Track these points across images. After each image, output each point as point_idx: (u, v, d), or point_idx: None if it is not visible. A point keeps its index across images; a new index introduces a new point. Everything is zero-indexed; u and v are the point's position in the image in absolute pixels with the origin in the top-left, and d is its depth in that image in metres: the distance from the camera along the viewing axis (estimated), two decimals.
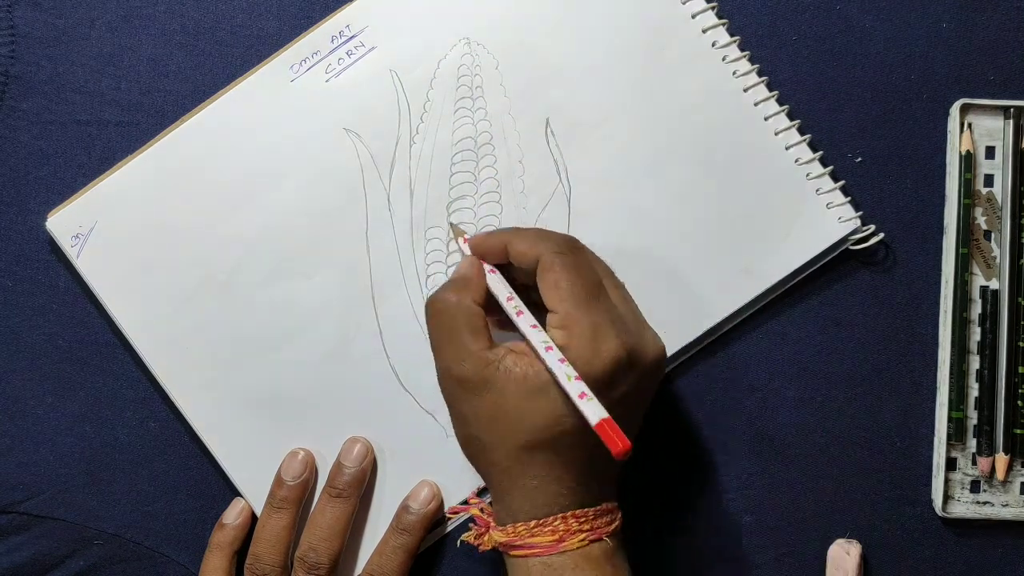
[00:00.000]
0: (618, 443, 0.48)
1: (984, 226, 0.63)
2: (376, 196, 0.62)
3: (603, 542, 0.52)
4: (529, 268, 0.53)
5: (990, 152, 0.63)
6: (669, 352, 0.62)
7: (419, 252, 0.62)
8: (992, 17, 0.63)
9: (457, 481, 0.62)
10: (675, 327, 0.62)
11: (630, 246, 0.62)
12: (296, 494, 0.61)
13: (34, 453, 0.63)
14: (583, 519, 0.52)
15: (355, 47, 0.62)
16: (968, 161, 0.62)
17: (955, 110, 0.62)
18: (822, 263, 0.63)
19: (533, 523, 0.52)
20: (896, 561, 0.63)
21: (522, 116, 0.62)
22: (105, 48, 0.63)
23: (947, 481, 0.62)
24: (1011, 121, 0.62)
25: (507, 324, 0.54)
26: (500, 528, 0.53)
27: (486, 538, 0.54)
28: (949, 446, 0.62)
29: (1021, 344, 0.62)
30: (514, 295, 0.54)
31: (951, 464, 0.62)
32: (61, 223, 0.62)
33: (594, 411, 0.49)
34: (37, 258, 0.63)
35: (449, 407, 0.54)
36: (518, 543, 0.52)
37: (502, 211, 0.62)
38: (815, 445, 0.63)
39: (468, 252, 0.56)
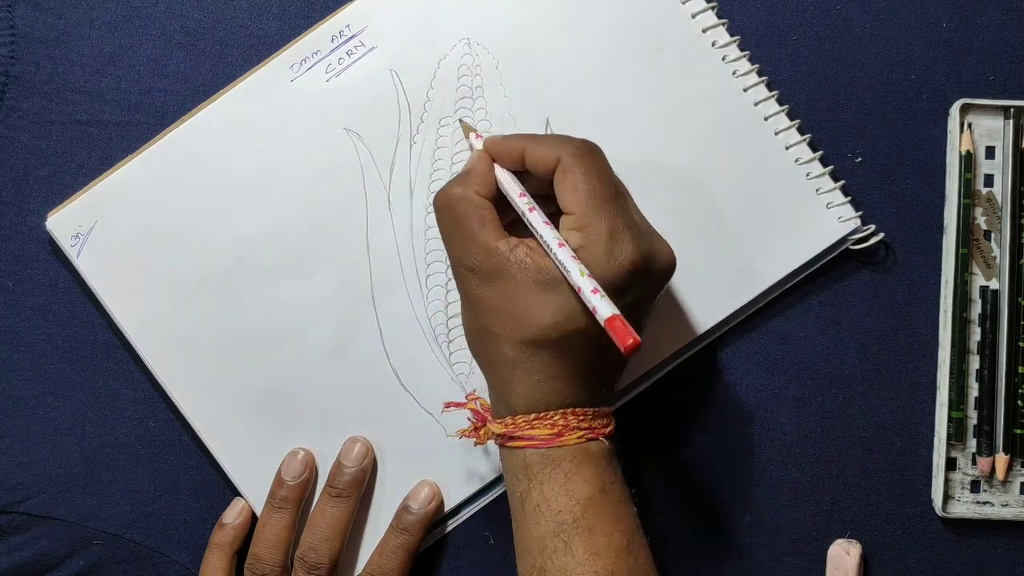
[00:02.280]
0: (628, 338, 0.48)
1: (984, 226, 0.63)
2: (376, 196, 0.62)
3: (600, 442, 0.52)
4: (546, 174, 0.53)
5: (990, 152, 0.63)
6: (669, 351, 0.62)
7: (419, 252, 0.62)
8: (992, 17, 0.63)
9: (457, 481, 0.62)
10: (675, 326, 0.62)
11: None
12: (296, 494, 0.61)
13: (34, 453, 0.63)
14: (582, 417, 0.52)
15: (355, 47, 0.62)
16: (968, 161, 0.62)
17: (955, 110, 0.62)
18: (822, 263, 0.63)
19: (533, 416, 0.52)
20: (896, 561, 0.63)
21: (522, 116, 0.62)
22: (105, 48, 0.63)
23: (947, 481, 0.62)
24: (1011, 121, 0.62)
25: (515, 226, 0.54)
26: (498, 420, 0.53)
27: (483, 432, 0.54)
28: (949, 446, 0.62)
29: (1021, 344, 0.62)
30: (525, 192, 0.54)
31: (951, 464, 0.62)
32: (61, 223, 0.62)
33: (606, 307, 0.48)
34: (37, 258, 0.63)
35: (461, 296, 0.54)
36: (516, 434, 0.52)
37: None
38: (815, 445, 0.63)
39: (479, 148, 0.56)
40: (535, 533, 0.52)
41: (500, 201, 0.54)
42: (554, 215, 0.52)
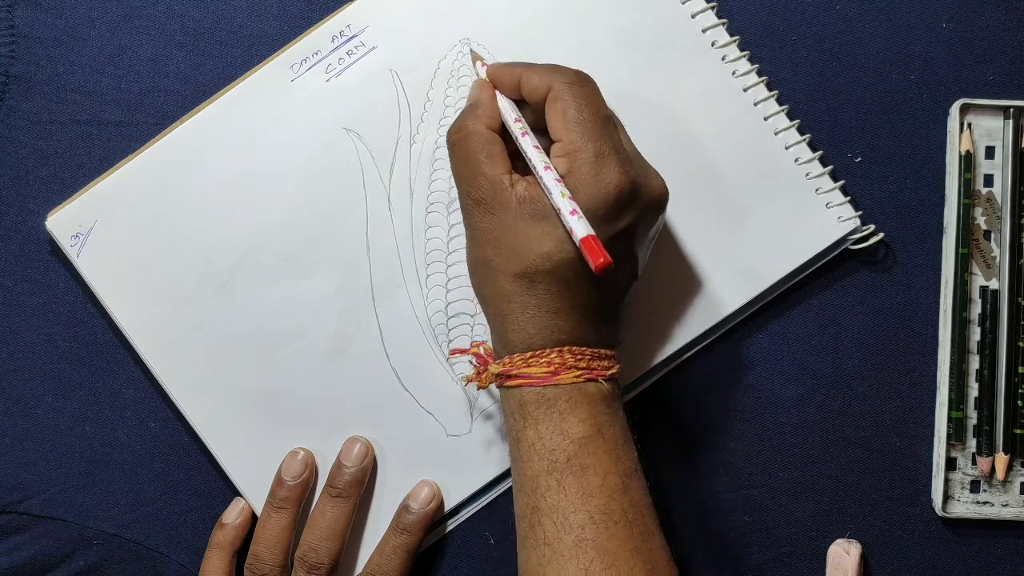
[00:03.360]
0: (599, 257, 0.48)
1: (984, 226, 0.63)
2: (376, 196, 0.62)
3: (598, 383, 0.53)
4: (540, 102, 0.54)
5: (990, 152, 0.63)
6: (669, 351, 0.62)
7: (419, 252, 0.62)
8: (992, 17, 0.63)
9: (457, 481, 0.62)
10: (675, 327, 0.62)
11: None
12: (296, 494, 0.61)
13: (34, 453, 0.63)
14: (579, 356, 0.52)
15: (355, 47, 0.62)
16: (968, 161, 0.62)
17: (955, 110, 0.63)
18: (822, 263, 0.63)
19: (528, 353, 0.52)
20: (896, 561, 0.63)
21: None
22: (105, 48, 0.63)
23: (947, 481, 0.62)
24: (1011, 121, 0.62)
25: (522, 164, 0.55)
26: (498, 361, 0.54)
27: (484, 375, 0.55)
28: (949, 446, 0.62)
29: (1021, 344, 0.62)
30: (521, 118, 0.55)
31: (951, 464, 0.62)
32: (61, 223, 0.62)
33: (581, 227, 0.49)
34: (37, 258, 0.63)
35: (467, 231, 0.55)
36: (513, 372, 0.52)
37: None
38: (815, 445, 0.63)
39: (483, 76, 0.57)
40: (529, 471, 0.52)
41: (506, 131, 0.55)
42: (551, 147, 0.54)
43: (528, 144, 0.53)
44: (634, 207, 0.52)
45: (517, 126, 0.54)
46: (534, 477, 0.52)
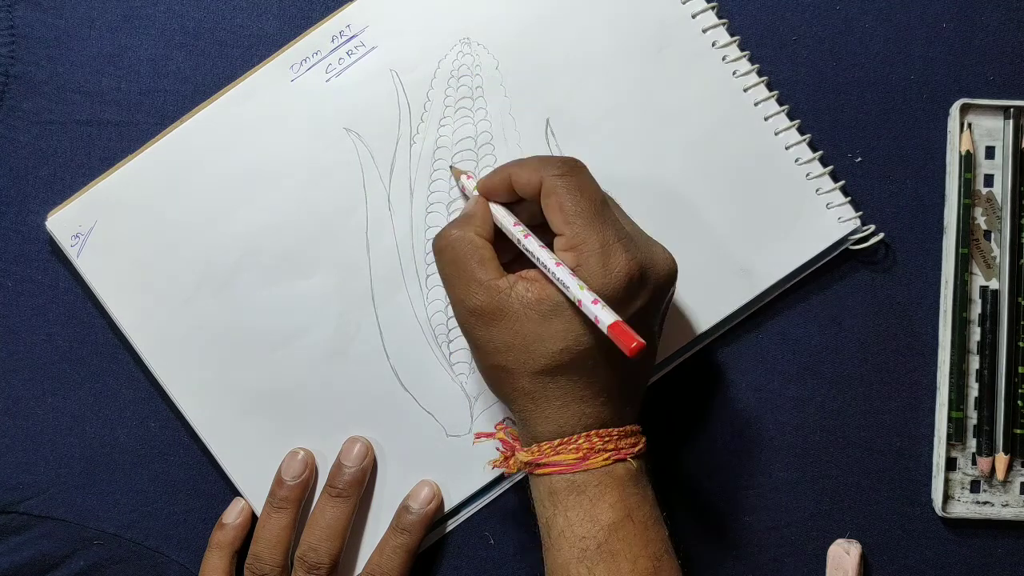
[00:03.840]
0: (632, 340, 0.48)
1: (984, 226, 0.63)
2: (376, 196, 0.62)
3: (627, 463, 0.52)
4: (534, 197, 0.53)
5: (990, 152, 0.63)
6: (670, 351, 0.62)
7: (419, 252, 0.62)
8: (992, 17, 0.63)
9: (457, 481, 0.62)
10: (675, 327, 0.62)
11: None
12: (296, 494, 0.61)
13: (34, 453, 0.63)
14: (607, 438, 0.52)
15: (355, 47, 0.62)
16: (968, 161, 0.62)
17: (955, 110, 0.63)
18: (822, 263, 0.63)
19: (557, 441, 0.52)
20: (896, 561, 0.63)
21: (522, 116, 0.62)
22: (105, 48, 0.63)
23: (947, 481, 0.62)
24: (1011, 121, 0.62)
25: (514, 264, 0.54)
26: (525, 449, 0.53)
27: (512, 461, 0.54)
28: (949, 446, 0.62)
29: (1021, 344, 0.62)
30: (519, 221, 0.54)
31: (951, 464, 0.62)
32: (61, 223, 0.62)
33: (607, 315, 0.49)
34: (37, 258, 0.63)
35: (467, 339, 0.54)
36: (542, 461, 0.52)
37: None
38: (815, 445, 0.63)
39: (472, 192, 0.57)
40: (559, 559, 0.52)
41: (498, 242, 0.55)
42: (551, 242, 0.53)
43: (533, 244, 0.52)
44: (645, 289, 0.52)
45: (517, 229, 0.54)
46: (564, 565, 0.52)
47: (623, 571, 0.51)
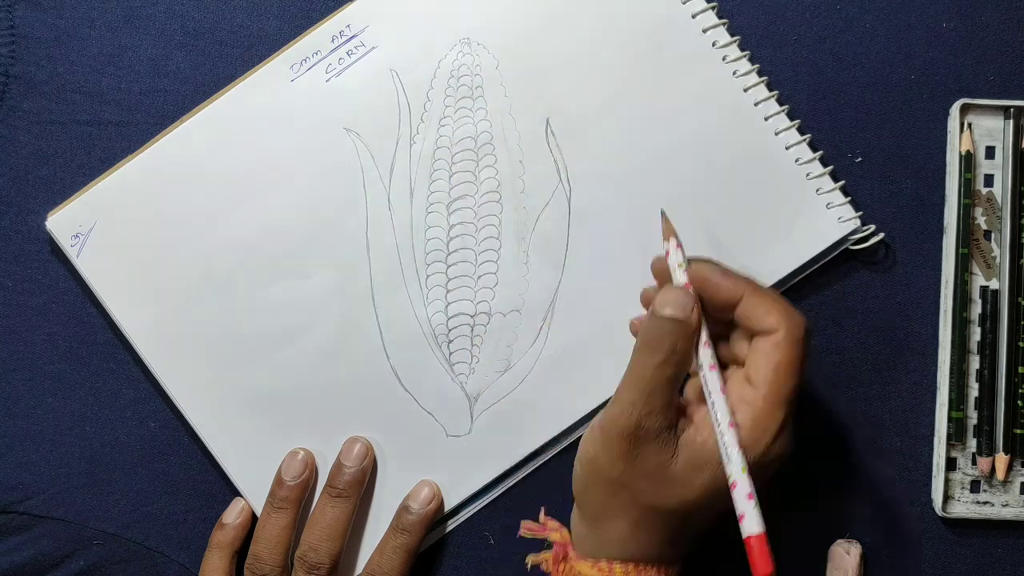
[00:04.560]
0: (767, 566, 0.47)
1: (984, 226, 0.63)
2: (376, 196, 0.62)
3: None
4: (750, 330, 0.51)
5: (990, 152, 0.63)
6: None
7: (419, 252, 0.62)
8: (992, 17, 0.63)
9: (457, 481, 0.62)
10: None
11: (630, 246, 0.62)
12: (296, 494, 0.61)
13: (34, 453, 0.63)
14: (670, 573, 0.52)
15: (355, 47, 0.62)
16: (968, 161, 0.62)
17: (955, 110, 0.62)
18: (822, 263, 0.63)
19: (631, 565, 0.51)
20: (896, 561, 0.63)
21: (522, 116, 0.62)
22: (105, 48, 0.63)
23: (947, 481, 0.62)
24: (1011, 121, 0.62)
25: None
26: (591, 562, 0.52)
27: (565, 567, 0.53)
28: (949, 446, 0.62)
29: (1021, 344, 0.62)
30: (710, 341, 0.51)
31: (951, 464, 0.62)
32: (61, 223, 0.62)
33: (755, 522, 0.47)
34: (37, 258, 0.63)
35: (598, 446, 0.52)
36: None
37: (502, 211, 0.62)
38: (815, 445, 0.63)
39: (679, 260, 0.53)
40: None
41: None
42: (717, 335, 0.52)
43: (715, 385, 0.49)
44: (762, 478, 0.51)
45: (705, 352, 0.50)
46: None
47: None
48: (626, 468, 0.51)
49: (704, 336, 0.51)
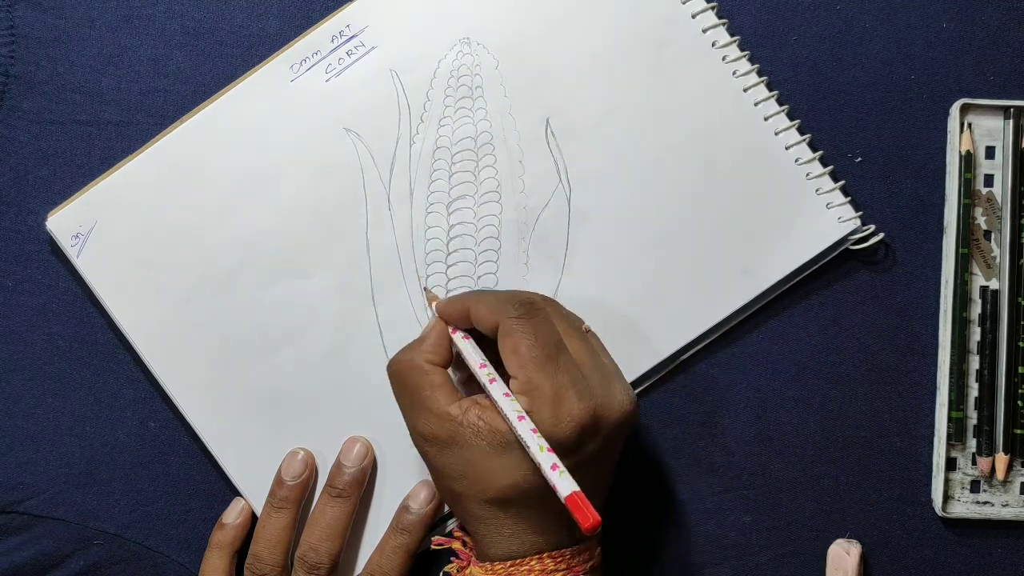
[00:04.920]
0: (588, 517, 0.48)
1: (984, 226, 0.63)
2: (376, 196, 0.62)
3: None
4: (491, 333, 0.54)
5: (990, 152, 0.63)
6: (669, 352, 0.62)
7: (419, 252, 0.62)
8: (992, 17, 0.63)
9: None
10: (675, 327, 0.62)
11: (630, 246, 0.62)
12: (296, 494, 0.61)
13: (34, 453, 0.63)
14: (559, 559, 0.52)
15: (355, 47, 0.62)
16: (968, 161, 0.62)
17: (955, 110, 0.62)
18: (822, 263, 0.63)
19: (509, 563, 0.52)
20: (896, 561, 0.63)
21: (522, 116, 0.62)
22: (105, 48, 0.63)
23: (947, 481, 0.62)
24: (1011, 121, 0.62)
25: (473, 384, 0.55)
26: (480, 565, 0.54)
27: (467, 572, 0.55)
28: (949, 446, 0.62)
29: (1021, 344, 0.62)
30: (487, 362, 0.54)
31: (951, 464, 0.62)
32: (61, 223, 0.62)
33: (565, 485, 0.49)
34: (37, 258, 0.63)
35: (423, 461, 0.55)
36: None
37: (502, 211, 0.62)
38: (815, 445, 0.63)
39: (434, 315, 0.57)
40: None
41: (458, 361, 0.55)
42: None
43: (497, 392, 0.52)
44: (598, 435, 0.52)
45: (483, 371, 0.53)
46: None
47: None
48: (445, 470, 0.53)
49: (480, 359, 0.54)
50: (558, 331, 0.53)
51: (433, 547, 0.60)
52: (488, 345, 0.54)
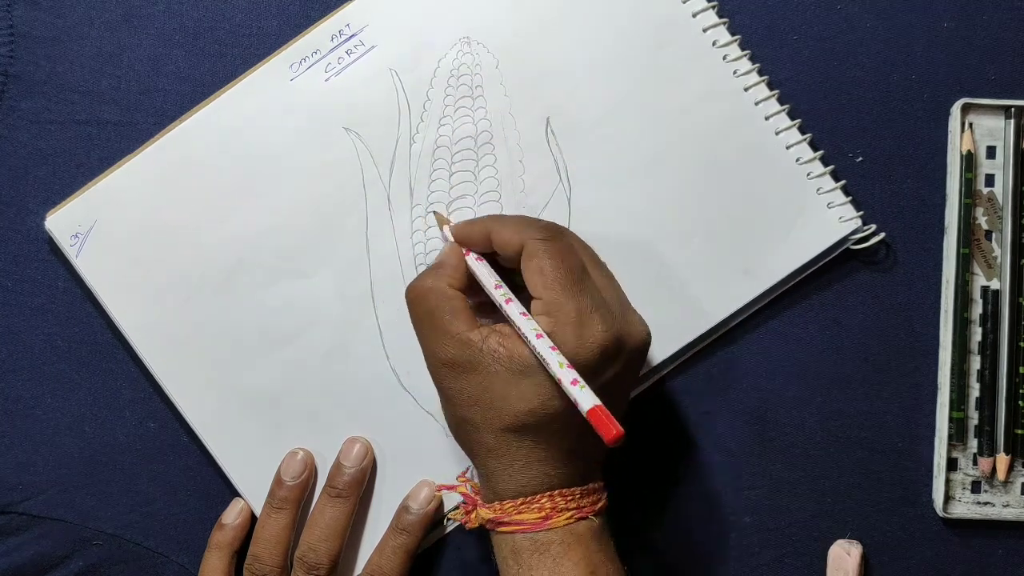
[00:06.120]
0: (611, 430, 0.48)
1: (985, 226, 0.62)
2: (376, 196, 0.62)
3: (589, 520, 0.53)
4: (513, 255, 0.54)
5: (991, 152, 0.63)
6: (669, 352, 0.62)
7: (419, 252, 0.62)
8: (992, 17, 0.63)
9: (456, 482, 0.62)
10: (675, 327, 0.62)
11: (630, 245, 0.62)
12: (296, 494, 0.61)
13: (34, 453, 0.63)
14: (569, 498, 0.52)
15: (355, 46, 0.62)
16: (969, 161, 0.62)
17: (956, 110, 0.62)
18: (822, 263, 0.62)
19: (520, 500, 0.52)
20: (897, 561, 0.63)
21: (522, 115, 0.62)
22: (105, 48, 0.63)
23: (948, 481, 0.62)
24: (1012, 121, 0.62)
25: (489, 310, 0.55)
26: (487, 506, 0.53)
27: (473, 516, 0.54)
28: (950, 446, 0.62)
29: (1022, 344, 0.61)
30: (502, 283, 0.54)
31: (952, 464, 0.62)
32: (60, 222, 0.61)
33: (586, 399, 0.49)
34: (37, 258, 0.63)
35: (437, 389, 0.54)
36: (504, 520, 0.52)
37: (502, 210, 0.62)
38: (815, 445, 0.63)
39: (451, 239, 0.57)
40: None
41: (473, 287, 0.55)
42: (526, 289, 0.53)
43: (514, 311, 0.52)
44: (619, 359, 0.52)
45: (499, 292, 0.53)
46: None
47: None
48: (460, 396, 0.52)
49: (495, 280, 0.54)
50: (581, 257, 0.54)
51: (437, 492, 0.60)
52: (501, 273, 0.54)
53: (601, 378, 0.51)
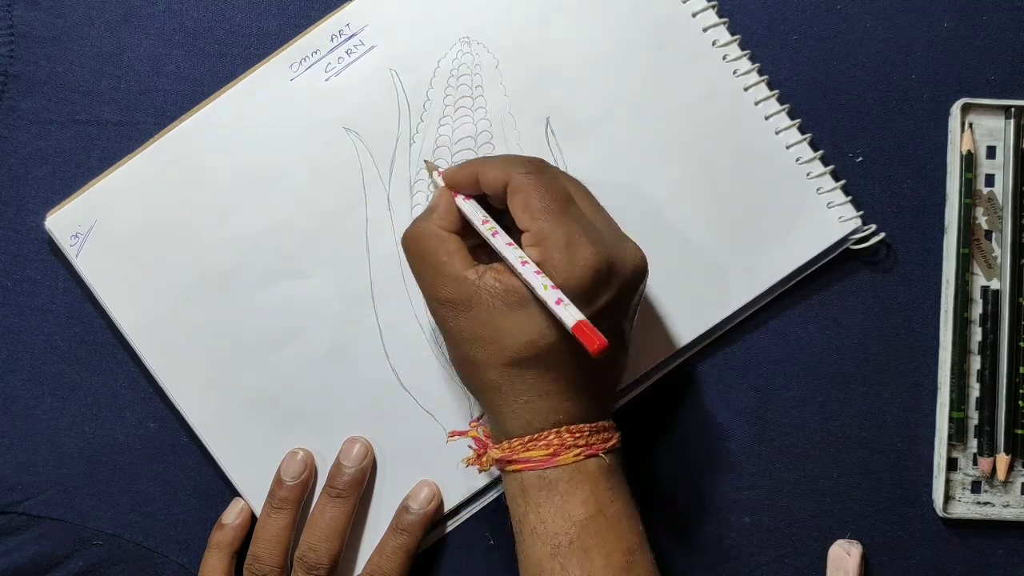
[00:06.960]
0: (595, 341, 0.48)
1: (985, 226, 0.62)
2: (376, 196, 0.62)
3: (599, 458, 0.53)
4: (500, 193, 0.54)
5: (991, 152, 0.63)
6: (669, 352, 0.62)
7: None
8: (992, 17, 0.63)
9: (457, 481, 0.62)
10: (675, 327, 0.61)
11: None
12: (296, 494, 0.61)
13: (34, 453, 0.63)
14: (577, 434, 0.52)
15: (355, 46, 0.62)
16: (969, 161, 0.62)
17: (956, 110, 0.62)
18: (822, 263, 0.62)
19: (527, 438, 0.52)
20: (897, 562, 0.63)
21: (522, 115, 0.62)
22: (104, 48, 0.63)
23: (948, 481, 0.62)
24: (1012, 121, 0.62)
25: (483, 253, 0.55)
26: (496, 446, 0.54)
27: (485, 458, 0.55)
28: (950, 446, 0.62)
29: (1022, 344, 0.61)
30: (489, 218, 0.54)
31: (952, 464, 0.62)
32: (60, 222, 0.61)
33: (570, 314, 0.49)
34: (36, 258, 0.63)
35: (440, 330, 0.54)
36: (513, 458, 0.52)
37: None
38: (815, 445, 0.63)
39: (441, 184, 0.57)
40: (533, 555, 0.52)
41: (467, 231, 0.55)
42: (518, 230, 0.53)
43: (500, 243, 0.52)
44: (612, 284, 0.52)
45: (486, 227, 0.54)
46: (538, 561, 0.52)
47: (596, 566, 0.51)
48: (461, 334, 0.52)
49: (482, 216, 0.54)
50: (567, 186, 0.54)
51: (448, 440, 0.60)
52: (496, 217, 0.55)
53: (596, 303, 0.51)
